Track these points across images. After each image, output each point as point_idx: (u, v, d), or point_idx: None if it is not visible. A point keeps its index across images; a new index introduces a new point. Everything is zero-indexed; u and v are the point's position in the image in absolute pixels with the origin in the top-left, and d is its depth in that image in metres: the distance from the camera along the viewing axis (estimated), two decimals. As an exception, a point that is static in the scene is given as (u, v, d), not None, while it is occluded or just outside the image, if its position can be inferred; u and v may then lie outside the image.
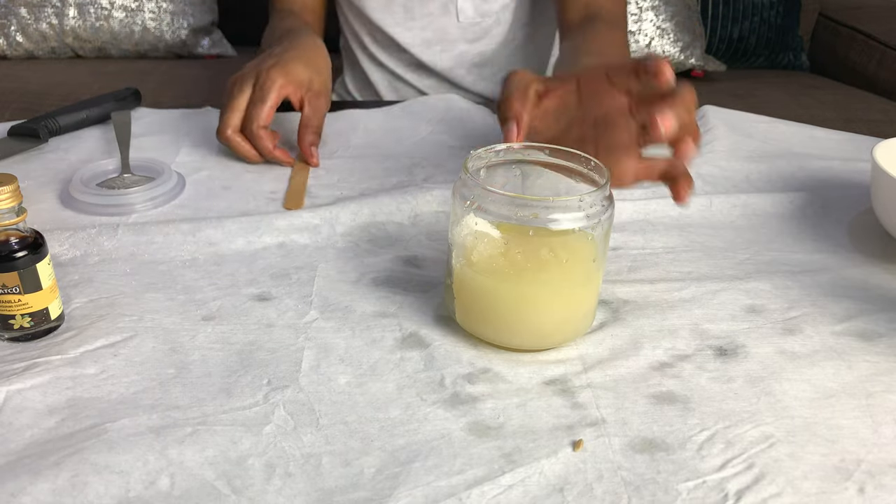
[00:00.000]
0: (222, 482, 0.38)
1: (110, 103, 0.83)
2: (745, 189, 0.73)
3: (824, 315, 0.54)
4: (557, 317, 0.48)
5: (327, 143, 0.80)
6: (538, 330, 0.48)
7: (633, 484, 0.39)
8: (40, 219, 0.63)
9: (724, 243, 0.63)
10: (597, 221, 0.46)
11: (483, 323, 0.49)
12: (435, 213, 0.66)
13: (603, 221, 0.46)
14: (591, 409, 0.44)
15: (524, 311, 0.47)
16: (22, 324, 0.47)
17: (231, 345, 0.49)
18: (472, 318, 0.49)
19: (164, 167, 0.70)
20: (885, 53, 1.83)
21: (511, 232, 0.46)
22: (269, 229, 0.62)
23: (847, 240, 0.65)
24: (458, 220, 0.48)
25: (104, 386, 0.45)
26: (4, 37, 1.68)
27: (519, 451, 0.41)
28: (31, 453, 0.40)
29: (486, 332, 0.49)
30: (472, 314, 0.49)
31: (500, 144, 0.51)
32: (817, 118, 1.20)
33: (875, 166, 0.62)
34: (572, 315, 0.49)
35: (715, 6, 1.84)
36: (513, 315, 0.47)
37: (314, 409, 0.44)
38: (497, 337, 0.49)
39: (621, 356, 0.49)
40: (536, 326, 0.48)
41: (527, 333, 0.48)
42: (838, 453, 0.42)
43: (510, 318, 0.48)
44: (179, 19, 1.74)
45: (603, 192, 0.46)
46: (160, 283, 0.55)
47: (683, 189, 0.53)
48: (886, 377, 0.48)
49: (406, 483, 0.39)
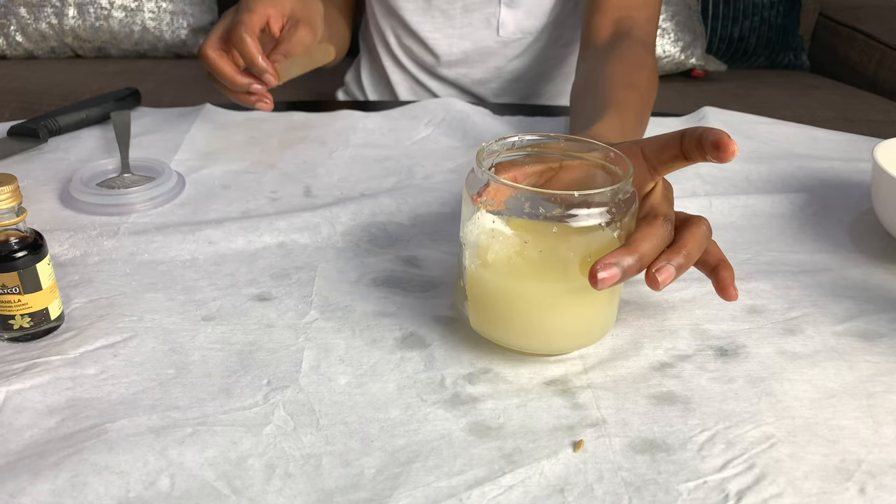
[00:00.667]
0: (222, 482, 0.38)
1: (110, 103, 0.82)
2: (746, 189, 0.73)
3: (825, 315, 0.54)
4: (582, 319, 0.45)
5: (327, 143, 0.80)
6: (562, 333, 0.46)
7: (633, 484, 0.39)
8: (40, 219, 0.63)
9: (725, 244, 0.63)
10: (621, 216, 0.43)
11: (502, 327, 0.46)
12: (435, 213, 0.66)
13: (627, 217, 0.44)
14: (591, 410, 0.44)
15: (547, 314, 0.45)
16: (22, 324, 0.47)
17: (231, 345, 0.49)
18: (488, 322, 0.46)
19: (163, 167, 0.70)
20: (886, 53, 1.83)
21: (529, 230, 0.43)
22: (268, 229, 0.62)
23: (847, 240, 0.65)
24: (470, 218, 0.45)
25: (104, 386, 0.45)
26: (4, 36, 1.68)
27: (519, 452, 0.41)
28: (31, 453, 0.40)
29: (505, 336, 0.46)
30: (489, 318, 0.46)
31: (513, 136, 0.48)
32: (818, 118, 1.20)
33: (875, 166, 0.62)
34: (598, 316, 0.46)
35: (715, 6, 1.84)
36: (535, 318, 0.45)
37: (314, 410, 0.44)
38: (517, 342, 0.46)
39: (622, 356, 0.49)
40: (560, 329, 0.45)
41: (550, 337, 0.46)
42: (839, 453, 0.42)
43: (532, 322, 0.45)
44: (179, 19, 1.73)
45: (627, 184, 0.43)
46: (160, 283, 0.55)
47: (728, 280, 0.48)
48: (887, 377, 0.48)
49: (406, 483, 0.39)
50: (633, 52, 0.79)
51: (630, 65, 0.76)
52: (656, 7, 0.87)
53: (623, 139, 0.63)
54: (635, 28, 0.83)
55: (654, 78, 0.78)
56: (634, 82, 0.73)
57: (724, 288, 0.48)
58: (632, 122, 0.68)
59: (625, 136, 0.63)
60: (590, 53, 0.84)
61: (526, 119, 0.89)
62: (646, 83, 0.75)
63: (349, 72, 1.18)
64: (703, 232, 0.47)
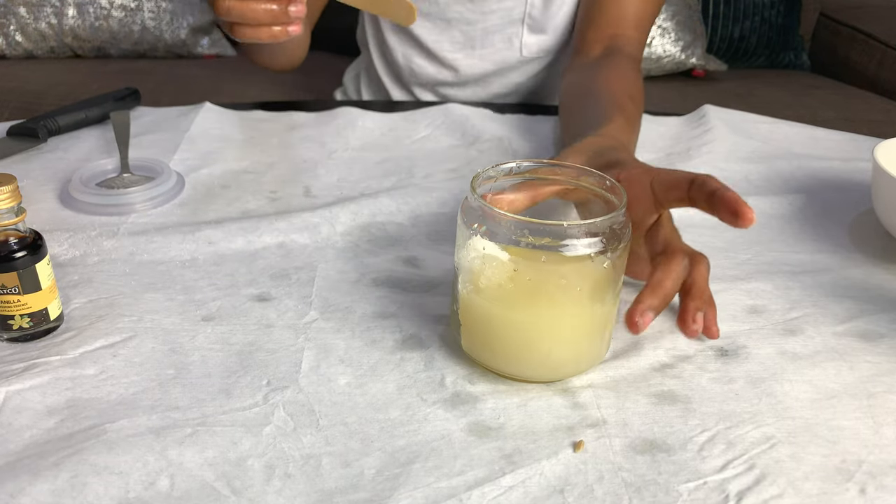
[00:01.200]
0: (222, 483, 0.38)
1: (109, 103, 0.82)
2: (746, 189, 0.73)
3: (825, 315, 0.54)
4: (571, 348, 0.45)
5: (326, 143, 0.80)
6: (550, 362, 0.45)
7: (633, 485, 0.39)
8: (39, 219, 0.63)
9: (725, 244, 0.63)
10: (613, 246, 0.43)
11: (491, 353, 0.46)
12: (435, 213, 0.66)
13: (620, 247, 0.43)
14: (591, 410, 0.44)
15: (535, 343, 0.44)
16: (21, 324, 0.47)
17: (231, 345, 0.49)
18: (479, 347, 0.46)
19: (163, 167, 0.70)
20: (886, 53, 1.83)
21: (521, 257, 0.42)
22: (268, 229, 0.62)
23: (848, 240, 0.65)
24: (464, 243, 0.45)
25: (103, 387, 0.45)
26: (3, 36, 1.68)
27: (519, 452, 0.41)
28: (31, 454, 0.40)
29: (494, 362, 0.46)
30: (480, 343, 0.46)
31: (510, 162, 0.48)
32: (818, 118, 1.20)
33: (876, 166, 0.62)
34: (587, 346, 0.46)
35: (716, 5, 1.84)
36: (523, 346, 0.45)
37: (314, 410, 0.43)
38: (507, 368, 0.46)
39: (622, 356, 0.49)
40: (548, 358, 0.45)
41: (538, 365, 0.45)
42: (839, 454, 0.42)
43: (520, 349, 0.45)
44: (179, 19, 1.73)
45: (620, 214, 0.43)
46: (159, 283, 0.55)
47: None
48: (888, 378, 0.48)
49: (406, 484, 0.39)
50: (627, 68, 0.80)
51: (625, 78, 0.77)
52: (647, 30, 0.88)
53: (632, 142, 0.64)
54: (627, 46, 0.84)
55: (643, 96, 0.79)
56: (631, 93, 0.74)
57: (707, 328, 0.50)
58: (633, 128, 0.69)
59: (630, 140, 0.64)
60: (581, 63, 0.85)
61: (526, 118, 0.88)
62: (638, 97, 0.76)
63: (348, 73, 1.18)
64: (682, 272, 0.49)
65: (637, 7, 0.86)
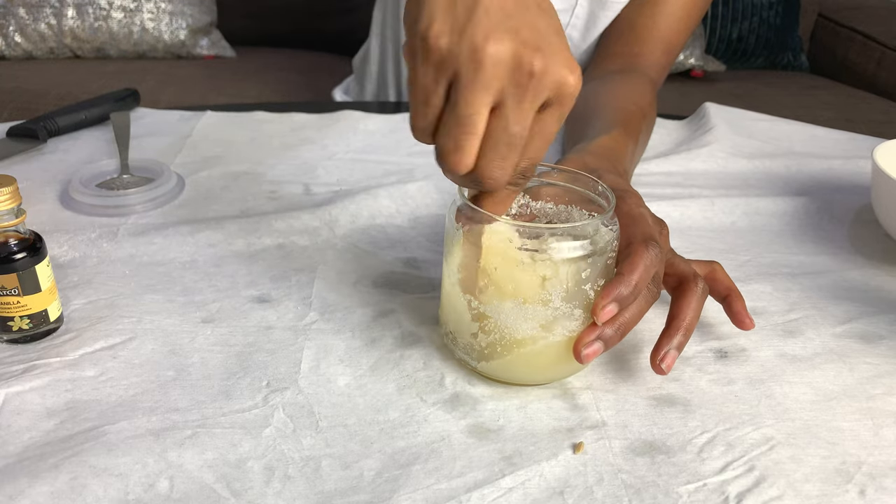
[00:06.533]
0: (221, 485, 0.38)
1: (109, 104, 0.82)
2: (746, 190, 0.73)
3: (825, 317, 0.54)
4: (556, 352, 0.44)
5: (327, 145, 0.80)
6: (533, 365, 0.44)
7: (633, 487, 0.39)
8: (39, 220, 0.63)
9: (725, 245, 0.63)
10: (602, 250, 0.42)
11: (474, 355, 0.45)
12: (434, 215, 0.66)
13: (608, 250, 0.43)
14: (591, 412, 0.44)
15: (520, 346, 0.44)
16: (21, 325, 0.47)
17: (230, 347, 0.49)
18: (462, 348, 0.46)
19: (163, 168, 0.70)
20: (885, 54, 1.83)
21: (507, 260, 0.42)
22: (268, 231, 0.62)
23: (847, 242, 0.65)
24: (451, 244, 0.45)
25: (103, 388, 0.45)
26: (3, 37, 1.68)
27: (519, 454, 0.41)
28: (30, 456, 0.39)
29: (477, 364, 0.46)
30: (463, 345, 0.46)
31: None
32: (818, 118, 1.20)
33: (875, 168, 0.62)
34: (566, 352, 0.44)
35: (714, 6, 1.84)
36: (507, 349, 0.44)
37: (314, 412, 0.43)
38: (489, 370, 0.45)
39: (622, 358, 0.49)
40: (532, 361, 0.44)
41: (521, 369, 0.45)
42: (839, 456, 0.42)
43: (504, 353, 0.44)
44: (178, 20, 1.73)
45: (607, 217, 0.43)
46: (159, 284, 0.55)
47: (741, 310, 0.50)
48: (887, 379, 0.48)
49: (406, 486, 0.39)
50: (640, 83, 0.78)
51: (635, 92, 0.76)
52: (674, 55, 0.85)
53: (628, 156, 0.63)
54: (649, 70, 0.82)
55: (654, 112, 0.77)
56: (640, 105, 0.73)
57: (739, 321, 0.49)
58: (633, 141, 0.67)
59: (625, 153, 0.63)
60: (595, 74, 0.83)
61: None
62: (649, 111, 0.75)
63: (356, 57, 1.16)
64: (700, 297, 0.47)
65: (670, 28, 0.82)
